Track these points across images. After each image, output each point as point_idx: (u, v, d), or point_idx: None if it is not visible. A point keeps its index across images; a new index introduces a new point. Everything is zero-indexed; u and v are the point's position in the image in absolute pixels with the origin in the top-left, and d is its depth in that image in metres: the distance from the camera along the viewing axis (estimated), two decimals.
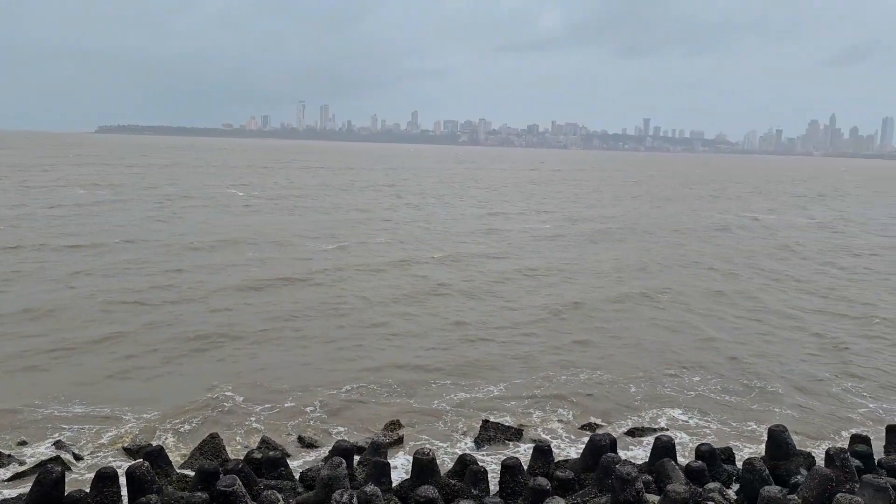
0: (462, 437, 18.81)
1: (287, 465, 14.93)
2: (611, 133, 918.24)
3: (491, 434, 18.56)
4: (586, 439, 16.05)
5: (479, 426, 18.99)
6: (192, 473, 14.39)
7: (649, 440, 17.53)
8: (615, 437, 16.58)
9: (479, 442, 18.32)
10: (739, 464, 15.29)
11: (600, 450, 14.60)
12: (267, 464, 14.70)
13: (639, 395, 22.07)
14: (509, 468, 14.10)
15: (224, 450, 16.35)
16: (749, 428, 19.76)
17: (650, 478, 13.81)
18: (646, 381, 23.28)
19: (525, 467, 14.69)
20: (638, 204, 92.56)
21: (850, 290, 39.34)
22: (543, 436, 18.79)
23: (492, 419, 19.43)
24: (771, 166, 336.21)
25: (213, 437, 16.66)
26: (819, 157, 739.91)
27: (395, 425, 19.12)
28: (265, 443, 17.12)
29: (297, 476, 14.93)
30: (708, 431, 19.51)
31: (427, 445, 17.47)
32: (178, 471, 15.05)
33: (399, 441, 18.25)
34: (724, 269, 44.44)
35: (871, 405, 21.73)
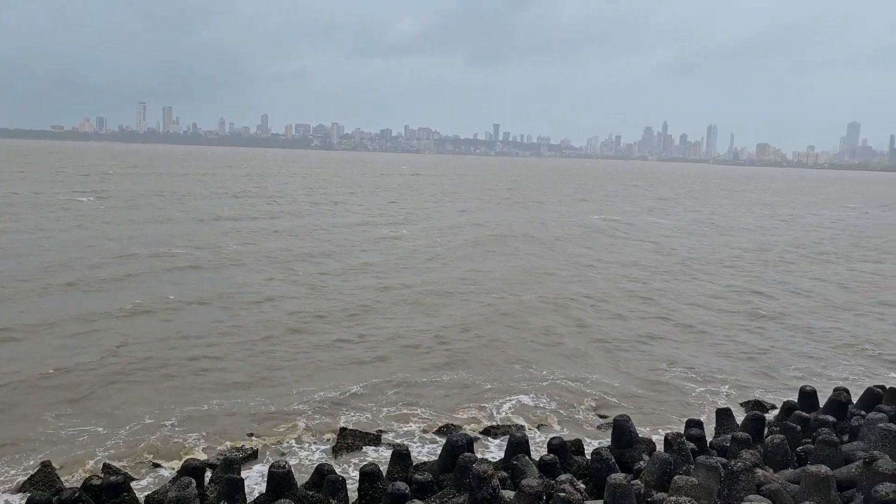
0: (319, 445, 18.49)
1: (131, 490, 13.98)
2: (462, 138, 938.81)
3: (349, 441, 18.35)
4: (444, 440, 16.23)
5: (336, 434, 18.75)
6: None
7: (504, 437, 18.05)
8: (472, 436, 16.89)
9: (337, 450, 18.05)
10: (589, 454, 16.01)
11: (457, 450, 14.80)
12: (108, 490, 13.70)
13: (495, 394, 22.60)
14: (367, 475, 13.98)
15: (58, 479, 15.09)
16: (596, 419, 20.81)
17: (506, 474, 14.17)
18: (502, 380, 23.91)
19: (384, 473, 14.63)
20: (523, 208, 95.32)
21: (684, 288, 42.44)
22: (402, 440, 18.82)
23: (349, 426, 19.24)
24: (621, 170, 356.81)
25: (45, 465, 15.34)
26: (654, 161, 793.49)
27: (248, 438, 18.47)
28: (106, 467, 15.98)
29: (142, 501, 14.05)
30: (559, 425, 20.35)
31: (283, 457, 17.01)
32: None
33: (254, 455, 17.64)
34: (589, 273, 46.60)
35: (699, 389, 23.49)
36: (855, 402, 19.63)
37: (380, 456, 17.50)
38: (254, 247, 50.38)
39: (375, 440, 18.64)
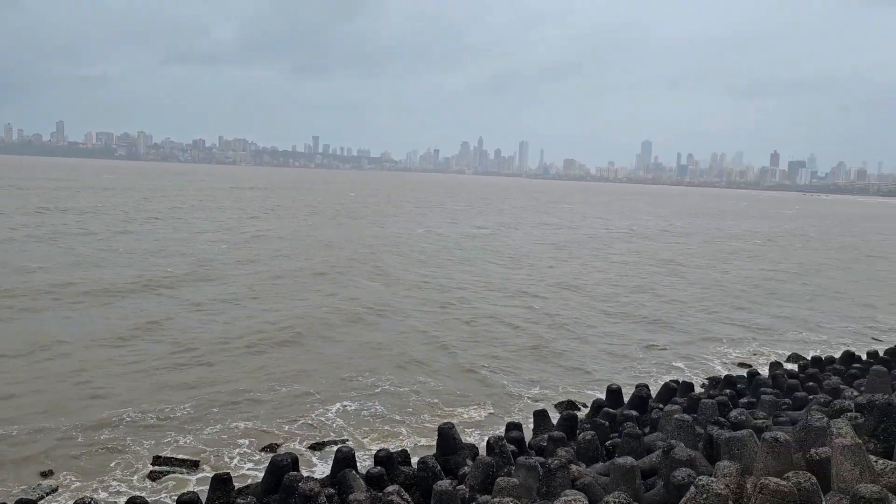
0: (132, 476, 17.19)
1: None
2: (281, 150, 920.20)
3: (165, 469, 17.24)
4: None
5: (150, 462, 17.54)
6: None
7: (331, 453, 17.78)
8: (297, 454, 16.45)
9: (152, 479, 16.89)
10: (415, 464, 16.16)
11: (282, 470, 14.36)
12: None
13: (318, 409, 22.22)
14: None
15: None
16: (423, 428, 21.09)
17: (333, 490, 13.95)
18: (325, 393, 23.56)
19: (203, 502, 13.87)
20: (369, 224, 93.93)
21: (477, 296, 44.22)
22: (224, 463, 17.97)
23: (164, 454, 18.07)
24: (446, 183, 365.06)
25: None
26: (470, 175, 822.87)
27: (45, 476, 16.77)
28: None
29: None
30: (387, 436, 20.39)
31: (89, 493, 15.62)
32: None
33: (54, 491, 16.05)
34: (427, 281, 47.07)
35: (514, 390, 24.57)
36: (654, 396, 21.47)
37: (200, 483, 16.59)
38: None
39: (194, 466, 17.65)
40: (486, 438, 16.10)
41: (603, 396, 21.33)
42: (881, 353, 27.33)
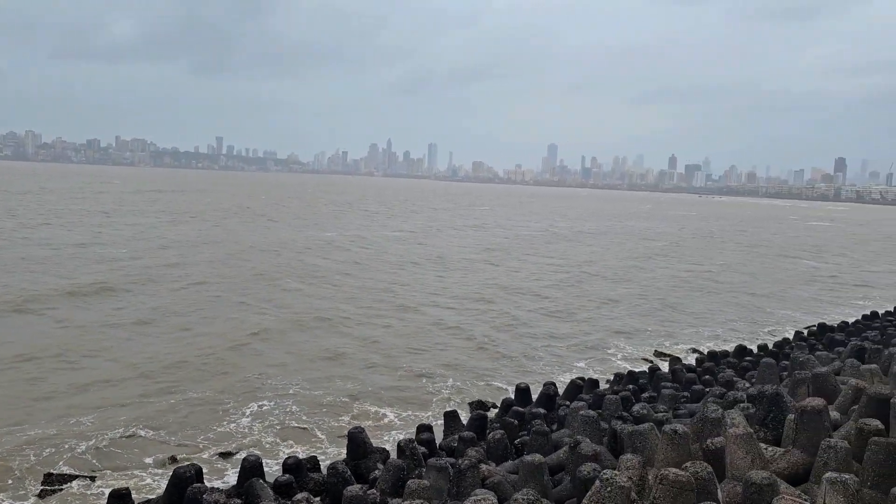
0: (21, 497, 16.19)
1: None
2: (182, 151, 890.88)
3: (56, 488, 16.33)
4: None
5: (41, 480, 16.59)
6: None
7: (239, 462, 17.30)
8: (201, 465, 15.93)
9: (41, 498, 15.97)
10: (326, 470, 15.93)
11: (185, 481, 13.87)
12: None
13: (228, 416, 21.61)
14: None
15: None
16: (332, 433, 20.82)
17: (239, 501, 13.58)
18: (236, 400, 22.93)
19: None
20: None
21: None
22: (123, 477, 17.19)
23: (56, 471, 17.12)
24: (357, 186, 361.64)
25: None
26: (380, 177, 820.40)
27: None
28: None
29: None
30: (299, 442, 20.02)
31: None
32: None
33: None
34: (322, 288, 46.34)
35: (428, 392, 24.65)
36: (562, 394, 21.98)
37: (95, 499, 15.80)
38: None
39: (90, 481, 16.81)
40: (398, 441, 16.06)
41: (512, 395, 21.65)
42: (770, 346, 28.92)
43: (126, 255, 54.92)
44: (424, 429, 18.31)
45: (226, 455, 18.82)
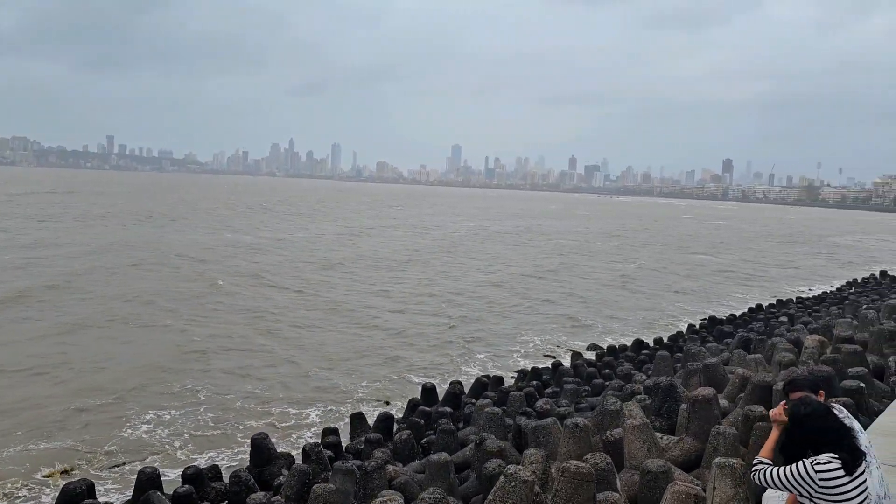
0: None
1: None
2: (70, 150, 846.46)
3: None
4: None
5: None
6: None
7: (133, 475, 16.57)
8: (93, 480, 15.18)
9: None
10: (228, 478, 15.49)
11: (76, 498, 13.20)
12: None
13: (127, 425, 20.64)
14: None
15: None
16: (237, 440, 20.27)
17: None
18: (137, 407, 21.94)
19: None
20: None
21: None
22: (3, 501, 16.16)
23: None
24: (261, 186, 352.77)
25: None
26: (282, 178, 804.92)
27: None
28: None
29: None
30: (194, 452, 19.36)
31: None
32: None
33: None
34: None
35: (338, 393, 24.38)
36: (468, 391, 22.22)
37: None
38: None
39: None
40: (302, 446, 15.80)
41: (419, 395, 21.71)
42: (665, 340, 30.20)
43: (27, 261, 51.69)
44: (330, 432, 18.11)
45: (120, 467, 17.98)
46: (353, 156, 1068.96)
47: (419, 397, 21.46)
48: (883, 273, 55.30)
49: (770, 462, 6.08)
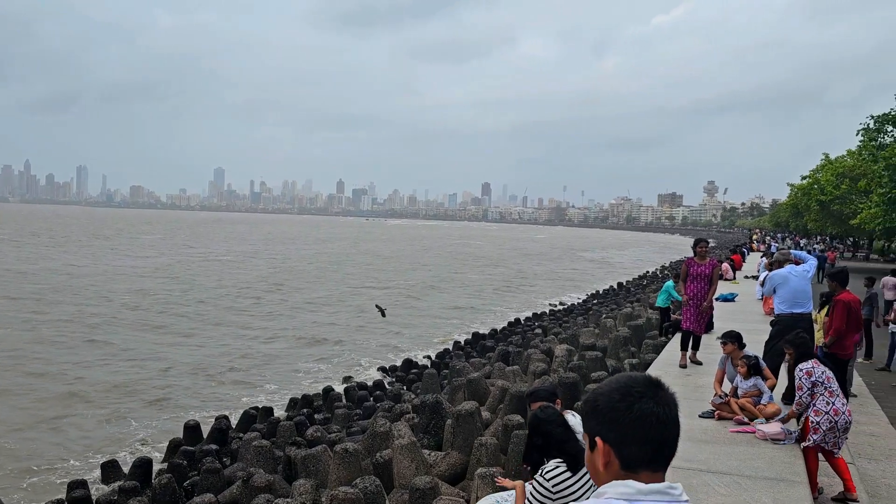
0: None
1: None
2: None
3: None
4: None
5: None
6: None
7: None
8: None
9: None
10: None
11: None
12: None
13: None
14: None
15: None
16: None
17: None
18: None
19: None
20: None
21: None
22: None
23: None
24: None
25: None
26: (16, 203, 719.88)
27: None
28: None
29: None
30: None
31: None
32: None
33: None
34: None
35: (81, 447, 22.08)
36: (235, 426, 21.23)
37: None
38: None
39: None
40: None
41: (181, 435, 20.34)
42: (433, 357, 31.26)
43: None
44: (77, 485, 16.32)
45: None
46: (103, 179, 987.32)
47: (181, 437, 20.11)
48: (620, 284, 61.96)
49: None
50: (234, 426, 21.09)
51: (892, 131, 53.84)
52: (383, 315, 28.73)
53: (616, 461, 2.30)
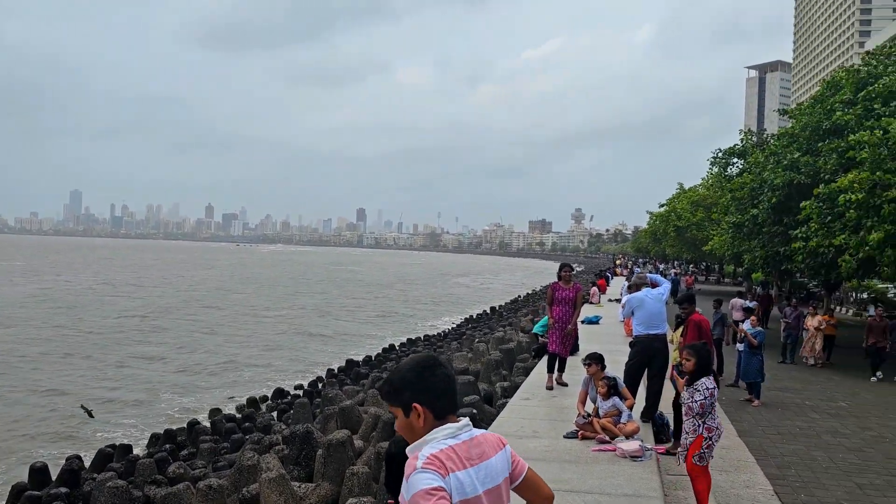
0: None
1: None
2: None
3: None
4: None
5: None
6: None
7: None
8: None
9: None
10: None
11: None
12: None
13: None
14: None
15: None
16: None
17: None
18: None
19: None
20: None
21: None
22: None
23: None
24: None
25: None
26: None
27: None
28: None
29: None
30: None
31: None
32: None
33: None
34: None
35: None
36: (89, 466, 19.82)
37: None
38: None
39: None
40: None
41: (26, 478, 18.75)
42: (306, 386, 30.60)
43: None
44: None
45: None
46: None
47: (26, 480, 18.53)
48: (493, 308, 63.23)
49: None
50: (87, 467, 19.68)
51: (736, 163, 58.33)
52: (91, 416, 28.04)
53: (430, 415, 3.01)
